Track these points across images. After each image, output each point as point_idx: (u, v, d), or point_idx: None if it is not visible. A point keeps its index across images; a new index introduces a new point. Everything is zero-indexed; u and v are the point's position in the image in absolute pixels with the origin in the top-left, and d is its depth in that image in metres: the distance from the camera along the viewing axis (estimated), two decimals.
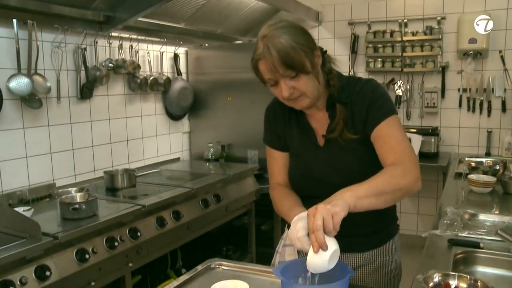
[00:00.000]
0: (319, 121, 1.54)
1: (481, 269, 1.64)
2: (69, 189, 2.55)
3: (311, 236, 1.12)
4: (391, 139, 1.40)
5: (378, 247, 1.58)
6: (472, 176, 2.61)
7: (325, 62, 1.47)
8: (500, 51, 3.96)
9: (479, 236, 1.79)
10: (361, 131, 1.46)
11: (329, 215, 1.11)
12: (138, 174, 2.94)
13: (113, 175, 2.79)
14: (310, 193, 1.55)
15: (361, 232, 1.54)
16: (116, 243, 2.15)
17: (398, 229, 1.69)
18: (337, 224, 1.11)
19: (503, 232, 1.64)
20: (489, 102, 4.06)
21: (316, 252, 1.11)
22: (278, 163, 1.66)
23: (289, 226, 1.72)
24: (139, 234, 2.29)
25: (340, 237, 1.14)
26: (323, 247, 1.10)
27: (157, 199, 2.50)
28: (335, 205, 1.13)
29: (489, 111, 4.07)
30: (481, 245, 1.67)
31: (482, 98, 4.09)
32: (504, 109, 4.01)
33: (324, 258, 1.11)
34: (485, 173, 2.76)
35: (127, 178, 2.78)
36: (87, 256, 1.99)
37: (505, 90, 3.99)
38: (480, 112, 4.12)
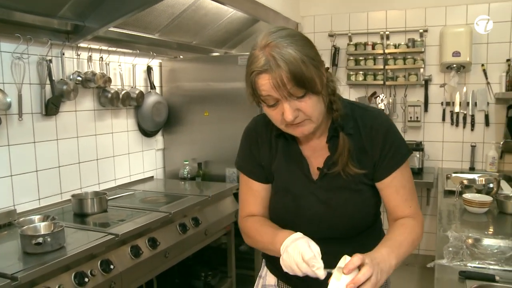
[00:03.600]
0: (315, 150, 1.31)
1: None
2: (32, 217, 2.27)
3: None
4: (405, 191, 1.29)
5: None
6: (467, 196, 2.52)
7: (328, 82, 1.22)
8: (482, 65, 3.91)
9: (492, 267, 1.65)
10: (368, 169, 1.27)
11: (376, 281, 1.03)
12: (109, 198, 2.69)
13: (82, 199, 2.52)
14: None
15: None
16: (86, 279, 1.90)
17: None
18: None
19: None
20: (472, 116, 3.99)
21: None
22: (257, 195, 1.40)
23: (267, 262, 1.51)
24: (112, 266, 2.05)
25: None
26: None
27: (131, 226, 2.26)
28: (383, 272, 1.07)
29: (473, 125, 4.01)
30: (497, 278, 1.54)
31: (465, 112, 4.02)
32: (487, 123, 3.95)
33: None
34: (479, 191, 2.66)
35: (98, 203, 2.52)
36: None
37: (488, 104, 3.94)
38: (464, 126, 4.05)
